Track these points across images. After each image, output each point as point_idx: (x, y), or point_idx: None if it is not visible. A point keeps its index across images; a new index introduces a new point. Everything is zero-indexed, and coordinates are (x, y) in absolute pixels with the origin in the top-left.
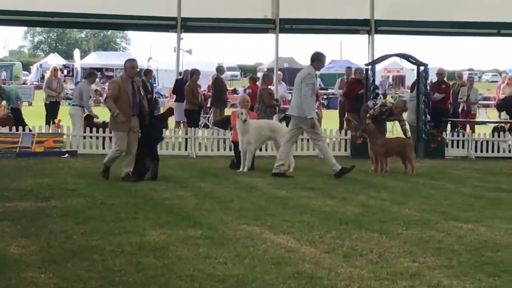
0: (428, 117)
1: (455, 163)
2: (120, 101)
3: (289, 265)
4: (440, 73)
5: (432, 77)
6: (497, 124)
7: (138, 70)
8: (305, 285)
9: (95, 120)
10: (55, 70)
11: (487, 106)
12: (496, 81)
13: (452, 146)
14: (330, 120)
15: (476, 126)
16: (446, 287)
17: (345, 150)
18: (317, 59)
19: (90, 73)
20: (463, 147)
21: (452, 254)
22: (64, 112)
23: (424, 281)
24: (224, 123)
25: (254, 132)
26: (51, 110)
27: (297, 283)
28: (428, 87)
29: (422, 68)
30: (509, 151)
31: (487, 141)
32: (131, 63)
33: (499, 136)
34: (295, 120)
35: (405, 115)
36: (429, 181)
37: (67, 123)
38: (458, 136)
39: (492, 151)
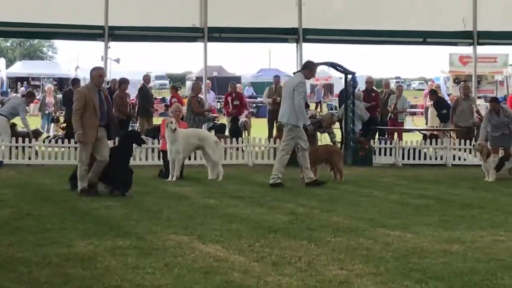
0: (359, 125)
1: (382, 170)
2: (87, 112)
3: (218, 274)
4: (369, 82)
5: (361, 86)
6: (427, 131)
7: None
8: None
9: (19, 129)
10: None
11: (414, 114)
12: (423, 89)
13: (380, 154)
14: (259, 129)
15: (404, 134)
16: None
17: (274, 158)
18: (309, 67)
19: (30, 94)
20: (390, 154)
21: (379, 261)
22: None
23: None
24: (155, 132)
25: (183, 141)
26: None
27: None
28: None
29: (350, 76)
30: (435, 158)
31: (414, 149)
32: (98, 72)
33: (431, 144)
34: (288, 128)
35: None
36: (357, 188)
37: None
38: (385, 144)
39: (419, 159)
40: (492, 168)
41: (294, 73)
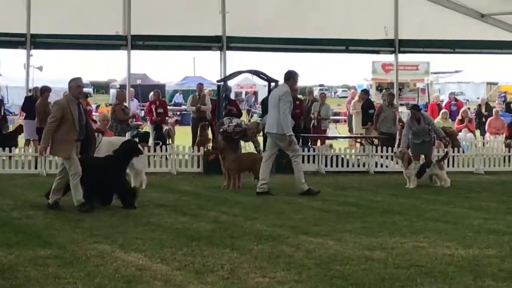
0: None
1: (306, 178)
2: (64, 125)
3: (140, 283)
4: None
5: None
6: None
7: None
8: None
9: None
10: None
11: (337, 121)
12: (346, 97)
13: (303, 161)
14: (183, 137)
15: (328, 141)
16: None
17: (198, 167)
18: (292, 77)
19: None
20: (314, 162)
21: (302, 268)
22: None
23: None
24: None
25: (106, 149)
26: None
27: None
28: None
29: (273, 84)
30: (358, 166)
31: (337, 156)
32: (76, 82)
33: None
34: (273, 137)
35: None
36: (281, 196)
37: None
38: (309, 151)
39: (342, 166)
40: (413, 175)
41: (275, 85)
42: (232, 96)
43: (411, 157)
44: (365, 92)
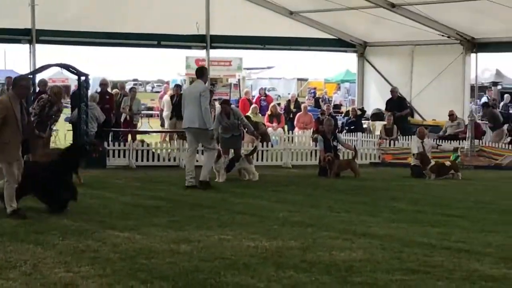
0: (95, 127)
1: (116, 172)
2: (7, 125)
3: None
4: (103, 83)
5: (96, 87)
6: (161, 133)
7: None
8: None
9: None
10: None
11: (150, 116)
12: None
13: (114, 156)
14: None
15: (140, 135)
16: None
17: None
18: (204, 74)
19: None
20: (124, 156)
21: (106, 263)
22: None
23: None
24: None
25: None
26: None
27: None
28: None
29: (83, 78)
30: (169, 160)
31: (148, 151)
32: (27, 82)
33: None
34: (193, 132)
35: None
36: (90, 190)
37: None
38: (119, 145)
39: (153, 160)
40: (223, 169)
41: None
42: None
43: (221, 151)
44: (178, 87)
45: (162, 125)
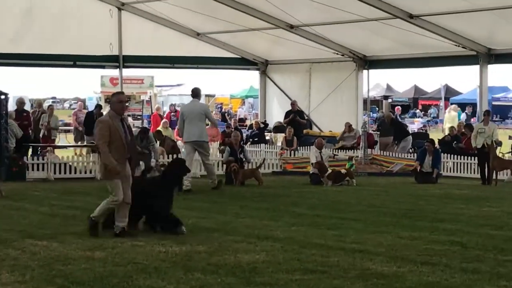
0: (14, 142)
1: (35, 185)
2: (113, 145)
3: None
4: (20, 102)
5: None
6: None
7: None
8: None
9: None
10: None
11: (68, 131)
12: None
13: (33, 169)
14: None
15: (57, 150)
16: None
17: None
18: (199, 94)
19: None
20: (43, 169)
21: (26, 270)
22: None
23: None
24: None
25: None
26: None
27: None
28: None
29: (3, 97)
30: (85, 172)
31: (65, 164)
32: (119, 97)
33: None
34: (194, 144)
35: None
36: (10, 202)
37: None
38: (38, 159)
39: (70, 173)
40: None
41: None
42: None
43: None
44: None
45: (75, 139)
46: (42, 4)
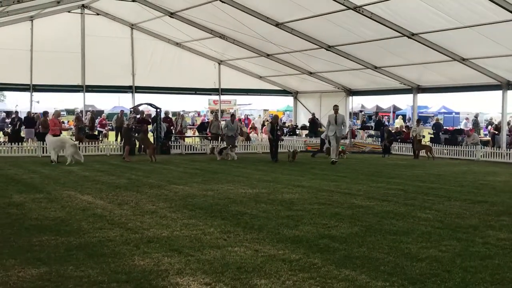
0: (163, 134)
1: (175, 157)
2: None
3: (89, 210)
4: (165, 112)
5: None
6: None
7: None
8: None
9: None
10: None
11: (191, 128)
12: None
13: (173, 148)
14: None
15: (186, 138)
16: None
17: None
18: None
19: None
20: (178, 148)
21: (171, 201)
22: None
23: None
24: None
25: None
26: None
27: None
28: None
29: (158, 110)
30: (201, 150)
31: (190, 145)
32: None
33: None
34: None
35: None
36: (161, 165)
37: None
38: (176, 143)
39: (192, 150)
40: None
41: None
42: None
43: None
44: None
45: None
46: (179, 59)
